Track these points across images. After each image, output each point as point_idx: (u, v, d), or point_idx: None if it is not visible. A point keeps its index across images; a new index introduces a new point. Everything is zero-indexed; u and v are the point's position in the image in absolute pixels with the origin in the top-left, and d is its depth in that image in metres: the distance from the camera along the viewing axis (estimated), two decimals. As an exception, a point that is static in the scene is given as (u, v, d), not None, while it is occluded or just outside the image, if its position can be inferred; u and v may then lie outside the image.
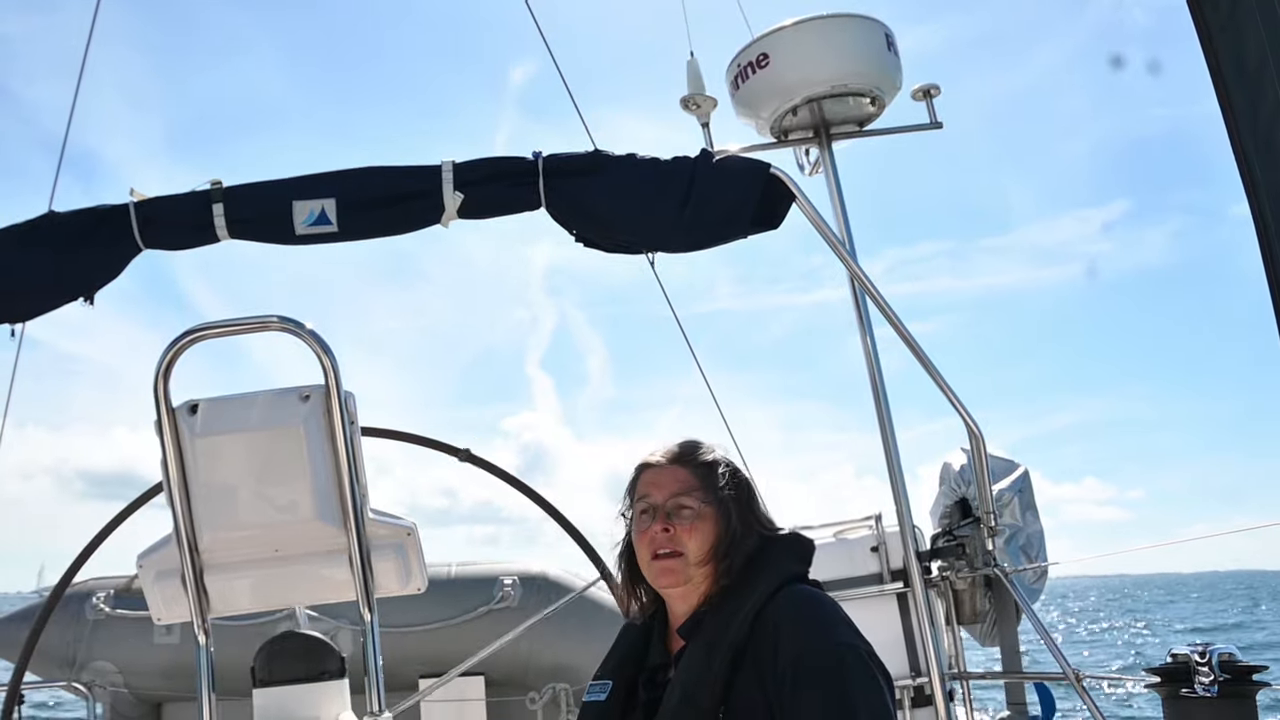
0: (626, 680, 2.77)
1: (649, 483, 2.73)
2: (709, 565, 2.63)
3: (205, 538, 3.19)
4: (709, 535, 2.63)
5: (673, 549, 2.62)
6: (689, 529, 2.62)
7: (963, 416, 5.19)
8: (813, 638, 2.43)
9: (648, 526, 2.66)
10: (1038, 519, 6.32)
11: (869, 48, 5.85)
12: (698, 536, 2.62)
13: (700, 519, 2.64)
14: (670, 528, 2.63)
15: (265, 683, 3.47)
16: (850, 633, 2.49)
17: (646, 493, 2.71)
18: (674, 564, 2.62)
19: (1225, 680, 3.83)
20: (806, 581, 2.70)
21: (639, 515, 2.71)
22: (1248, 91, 2.52)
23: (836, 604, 2.61)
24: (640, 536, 2.69)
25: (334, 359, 3.12)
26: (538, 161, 5.08)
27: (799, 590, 2.60)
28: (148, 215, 5.10)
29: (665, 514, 2.65)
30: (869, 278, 5.26)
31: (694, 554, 2.61)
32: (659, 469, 2.74)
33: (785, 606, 2.51)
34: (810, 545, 2.80)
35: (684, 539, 2.62)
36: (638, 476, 2.79)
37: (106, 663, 7.17)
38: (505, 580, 7.12)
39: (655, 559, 2.64)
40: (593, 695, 2.80)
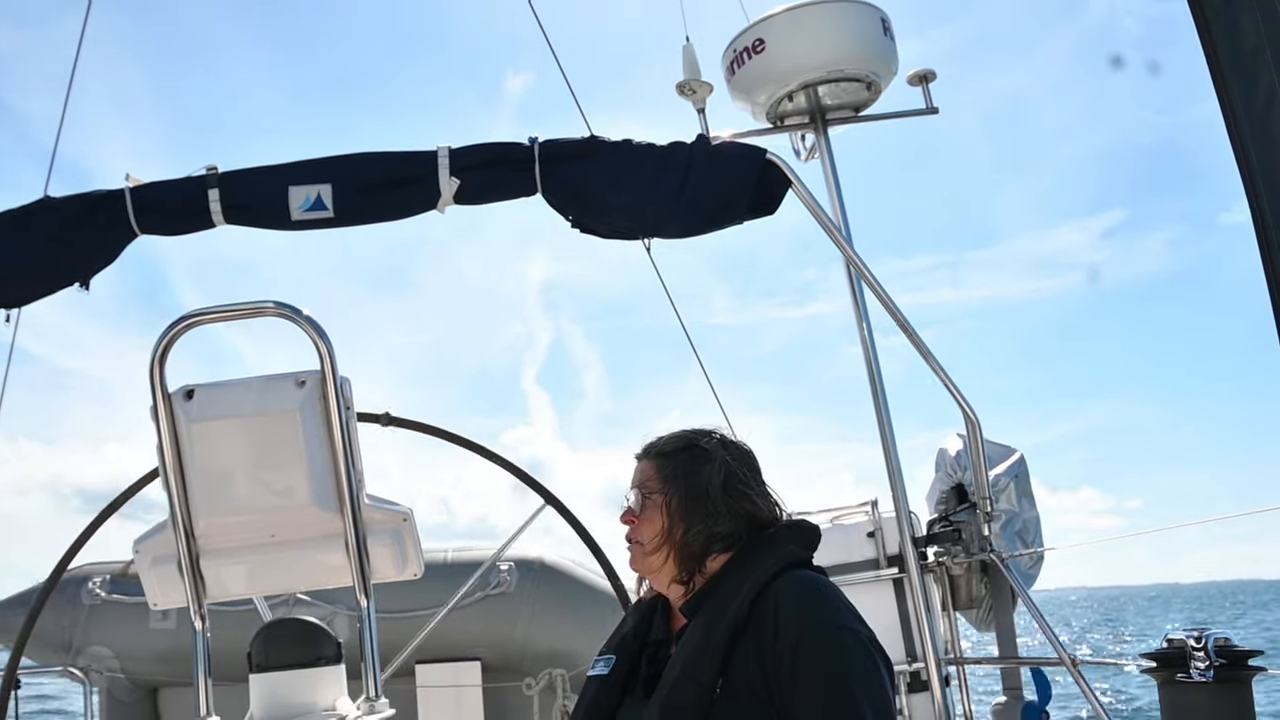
0: (629, 656, 2.83)
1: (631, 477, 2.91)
2: (662, 552, 2.74)
3: (201, 523, 3.19)
4: (656, 523, 2.75)
5: (635, 538, 2.81)
6: (644, 520, 2.78)
7: (959, 402, 5.19)
8: (814, 620, 2.46)
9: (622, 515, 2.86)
10: (1034, 505, 6.32)
11: (865, 32, 5.84)
12: (646, 526, 2.77)
13: (648, 509, 2.78)
14: (633, 519, 2.80)
15: (262, 668, 3.47)
16: (851, 617, 2.52)
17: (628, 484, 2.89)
18: (635, 550, 2.81)
19: (1221, 665, 3.84)
20: (810, 567, 2.73)
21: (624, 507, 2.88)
22: (1244, 78, 2.52)
23: (838, 589, 2.64)
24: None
25: (330, 344, 3.12)
26: (534, 147, 5.08)
27: (801, 574, 2.63)
28: (143, 200, 5.09)
29: (629, 504, 2.83)
30: (864, 263, 5.26)
31: (647, 542, 2.76)
32: (637, 462, 2.92)
33: (786, 589, 2.54)
34: (816, 532, 2.84)
35: (639, 528, 2.79)
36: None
37: (103, 648, 7.17)
38: (502, 566, 7.12)
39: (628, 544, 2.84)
40: (595, 670, 2.86)
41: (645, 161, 5.09)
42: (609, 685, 2.78)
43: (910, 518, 5.61)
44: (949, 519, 5.96)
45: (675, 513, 2.74)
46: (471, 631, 6.95)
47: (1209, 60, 2.58)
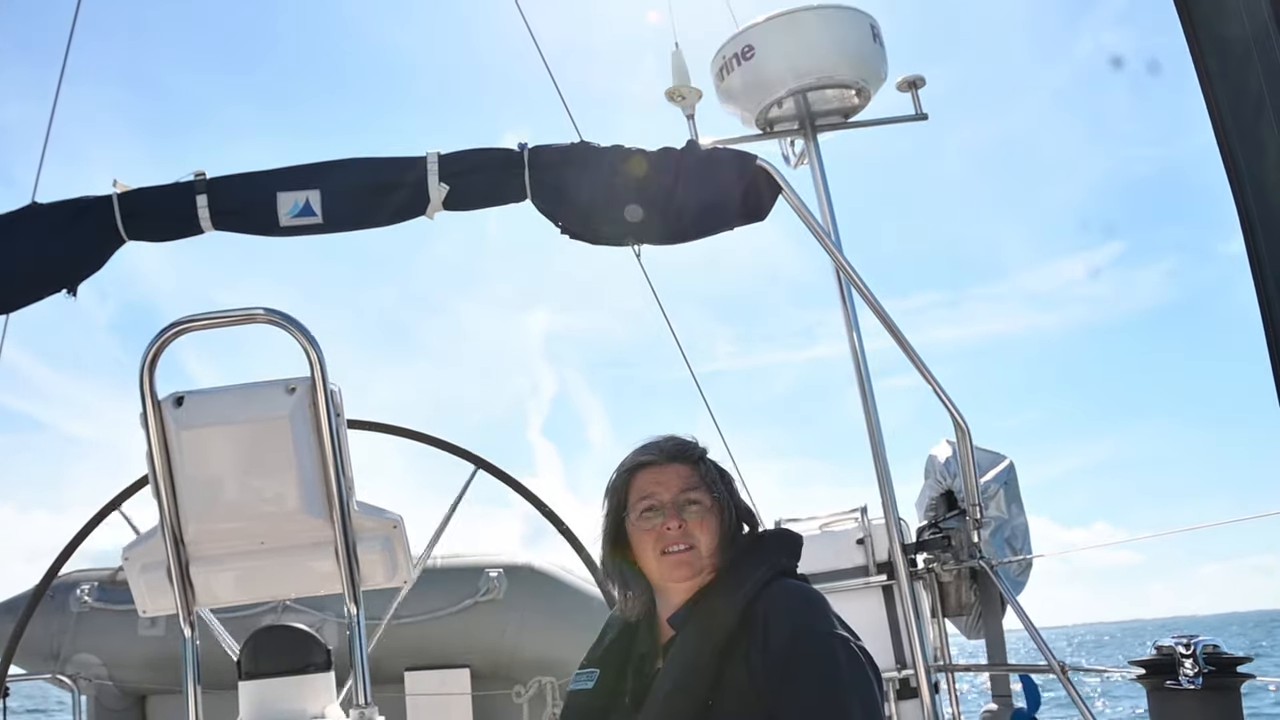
0: (613, 669, 2.80)
1: (652, 481, 2.77)
2: (714, 557, 2.69)
3: (191, 530, 3.18)
4: (716, 528, 2.71)
5: (687, 544, 2.68)
6: (700, 524, 2.69)
7: (948, 408, 5.19)
8: (804, 629, 2.47)
9: (655, 524, 2.71)
10: (1023, 511, 6.32)
11: (854, 39, 5.85)
12: (708, 530, 2.69)
13: (709, 514, 2.71)
14: (683, 524, 2.68)
15: (251, 675, 3.47)
16: (841, 626, 2.52)
17: (651, 491, 2.75)
18: (688, 557, 2.67)
19: (1210, 672, 3.84)
20: (796, 576, 2.74)
21: (642, 514, 2.74)
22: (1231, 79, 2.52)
23: (825, 599, 2.64)
24: (647, 534, 2.72)
25: (320, 352, 3.11)
26: (523, 153, 5.07)
27: (790, 584, 2.64)
28: (131, 206, 5.08)
29: (675, 510, 2.70)
30: (854, 268, 5.26)
31: (706, 547, 2.69)
32: (660, 468, 2.79)
33: (776, 599, 2.54)
34: (799, 540, 2.85)
35: (696, 533, 2.69)
36: (633, 476, 2.83)
37: (91, 655, 7.16)
38: (491, 572, 7.12)
39: (666, 554, 2.69)
40: (579, 684, 2.83)
41: (635, 167, 5.08)
42: (595, 699, 2.76)
43: (900, 524, 5.61)
44: (938, 526, 5.96)
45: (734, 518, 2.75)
46: (460, 639, 6.96)
47: (1196, 65, 2.58)
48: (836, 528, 6.04)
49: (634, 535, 2.77)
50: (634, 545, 2.78)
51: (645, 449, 2.86)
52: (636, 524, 2.76)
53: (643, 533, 2.74)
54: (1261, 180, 2.44)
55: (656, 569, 2.73)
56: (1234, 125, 2.50)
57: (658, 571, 2.73)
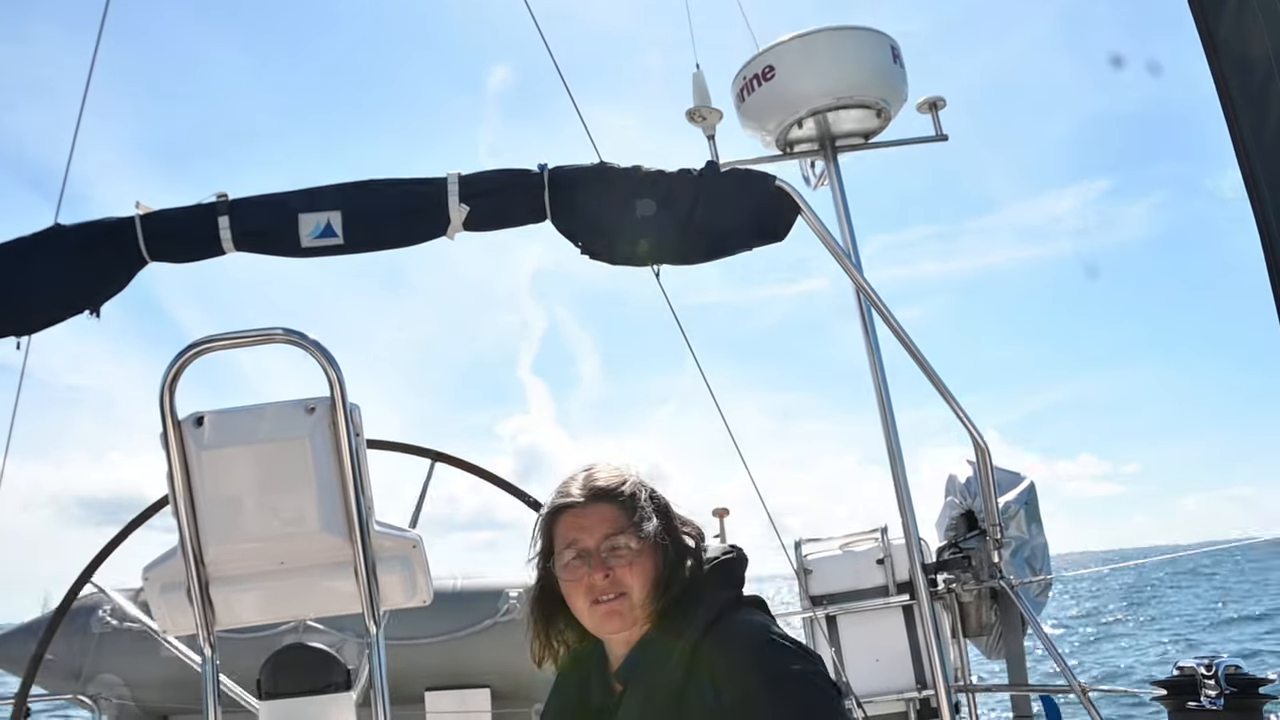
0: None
1: (575, 526, 2.54)
2: (650, 604, 2.48)
3: (211, 550, 3.19)
4: (649, 571, 2.48)
5: (616, 591, 2.47)
6: (629, 568, 2.47)
7: (968, 429, 5.19)
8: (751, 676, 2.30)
9: (583, 575, 2.50)
10: (1042, 531, 6.32)
11: (874, 60, 5.87)
12: (639, 575, 2.47)
13: (639, 556, 2.49)
14: (609, 571, 2.47)
15: (271, 695, 3.48)
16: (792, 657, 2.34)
17: (575, 538, 2.53)
18: (618, 605, 2.47)
19: (1231, 693, 3.83)
20: (742, 602, 2.57)
21: (568, 564, 2.53)
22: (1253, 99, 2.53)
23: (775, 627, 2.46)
24: (575, 585, 2.52)
25: (339, 371, 3.12)
26: (543, 174, 5.08)
27: (732, 624, 2.45)
28: (153, 228, 5.11)
29: (600, 559, 2.49)
30: (875, 291, 5.26)
31: (638, 593, 2.47)
32: (581, 510, 2.55)
33: (724, 640, 2.39)
34: (740, 563, 2.65)
35: (626, 580, 2.47)
36: (555, 520, 2.60)
37: (113, 675, 7.17)
38: (510, 592, 7.11)
39: (597, 604, 2.49)
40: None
41: (654, 188, 5.09)
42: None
43: (920, 545, 5.60)
44: (959, 546, 5.96)
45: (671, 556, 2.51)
46: (481, 658, 6.95)
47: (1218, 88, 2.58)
48: (857, 548, 6.05)
49: (563, 585, 2.56)
50: (565, 594, 2.57)
51: (565, 487, 2.61)
52: (563, 573, 2.54)
53: (571, 584, 2.52)
54: None
55: (589, 620, 2.52)
56: (1256, 147, 2.50)
57: (591, 623, 2.53)
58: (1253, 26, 2.54)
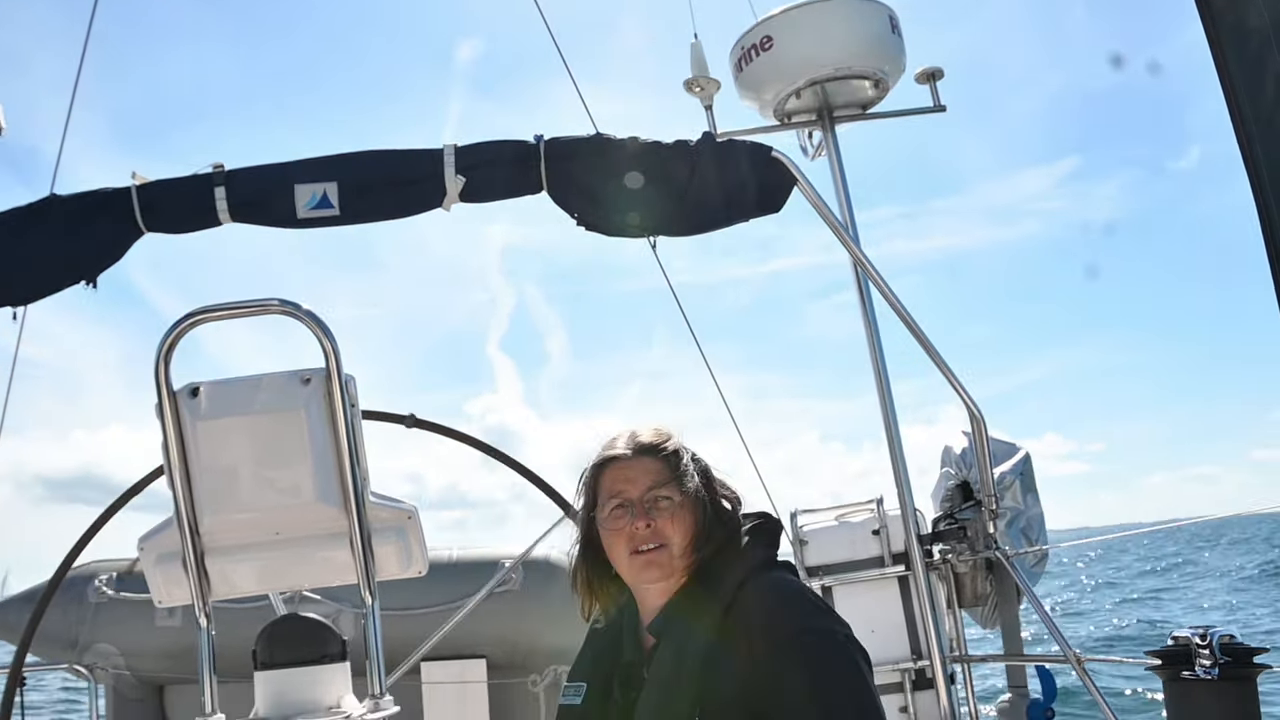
0: (601, 680, 2.74)
1: (620, 478, 2.67)
2: (689, 555, 2.59)
3: (206, 521, 3.19)
4: (689, 525, 2.60)
5: (657, 542, 2.58)
6: (670, 521, 2.59)
7: (963, 399, 5.20)
8: (786, 628, 2.40)
9: (625, 523, 2.61)
10: (1038, 502, 6.33)
11: (872, 30, 5.85)
12: (680, 527, 2.58)
13: (680, 509, 2.60)
14: (652, 522, 2.58)
15: (267, 665, 3.47)
16: (823, 617, 2.47)
17: (619, 489, 2.65)
18: (659, 556, 2.58)
19: (1226, 663, 3.84)
20: (776, 565, 2.68)
21: (611, 513, 2.65)
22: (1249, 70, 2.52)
23: (807, 588, 2.60)
24: (617, 535, 2.63)
25: (334, 342, 3.12)
26: (539, 145, 5.07)
27: (769, 579, 2.57)
28: (149, 198, 5.10)
29: (644, 509, 2.60)
30: (871, 262, 5.26)
31: (678, 545, 2.58)
32: (626, 463, 2.69)
33: (754, 601, 2.48)
34: (777, 526, 2.78)
35: (667, 531, 2.58)
36: (601, 472, 2.73)
37: (109, 645, 7.18)
38: (507, 563, 7.13)
39: (637, 554, 2.59)
40: (568, 698, 2.77)
41: (651, 159, 5.08)
42: (584, 713, 2.71)
43: (915, 515, 5.61)
44: (954, 516, 5.97)
45: (709, 512, 2.63)
46: (477, 629, 6.96)
47: (1215, 56, 2.58)
48: (853, 519, 6.05)
49: (604, 535, 2.68)
50: (605, 546, 2.70)
51: (612, 443, 2.75)
52: (606, 523, 2.67)
53: (612, 533, 2.64)
54: (1279, 170, 2.44)
55: (628, 569, 2.64)
56: (1252, 116, 2.49)
57: (629, 572, 2.65)
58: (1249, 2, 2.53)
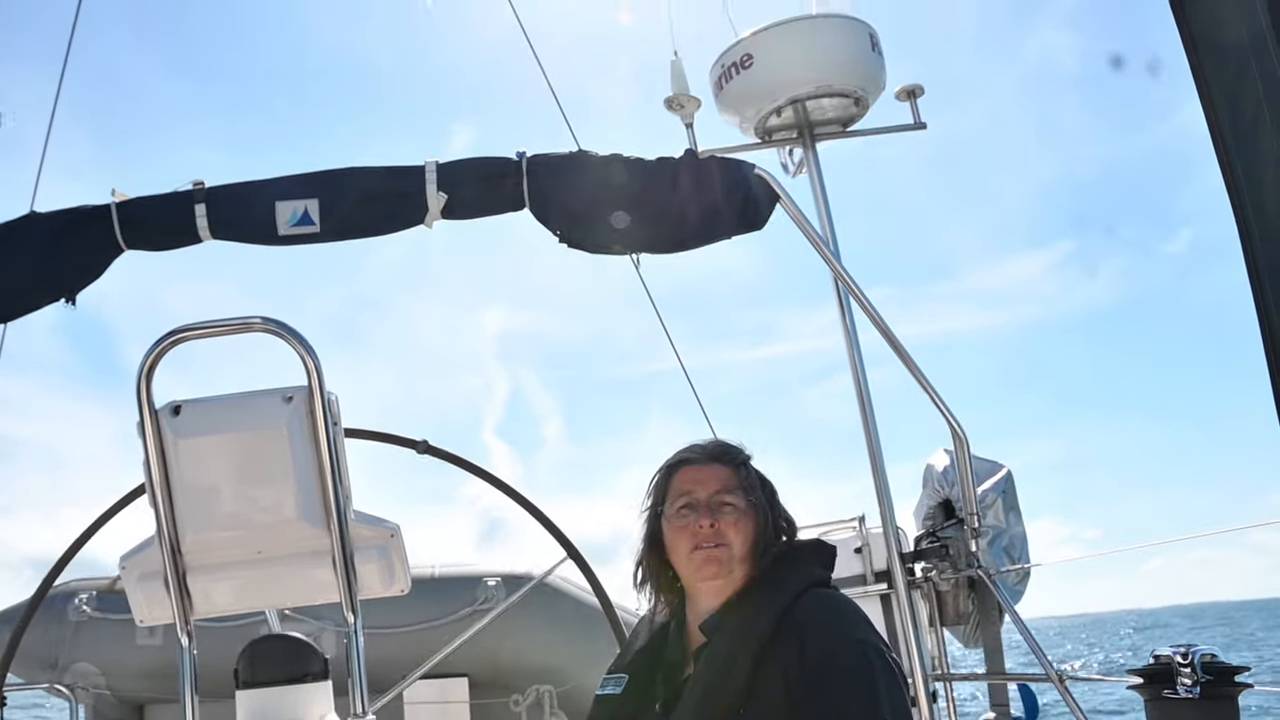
0: (642, 675, 2.81)
1: (690, 479, 2.80)
2: (747, 561, 2.71)
3: (188, 539, 3.18)
4: (750, 532, 2.72)
5: (718, 541, 2.69)
6: (733, 524, 2.71)
7: (946, 417, 5.19)
8: (840, 638, 2.49)
9: (690, 521, 2.73)
10: (1020, 520, 6.33)
11: (853, 48, 5.86)
12: (741, 532, 2.71)
13: (743, 516, 2.72)
14: (716, 522, 2.70)
15: (248, 684, 3.46)
16: (874, 635, 2.54)
17: (689, 489, 2.78)
18: (719, 554, 2.68)
19: (1207, 681, 3.84)
20: (829, 586, 2.76)
21: (678, 510, 2.77)
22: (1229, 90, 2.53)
23: (859, 608, 2.67)
24: (680, 530, 2.75)
25: (317, 360, 3.11)
26: (521, 161, 5.07)
27: (825, 593, 2.67)
28: (129, 215, 5.07)
29: (710, 509, 2.72)
30: (853, 278, 5.26)
31: (738, 548, 2.70)
32: (699, 467, 2.82)
33: (812, 608, 2.57)
34: (833, 551, 2.86)
35: (729, 533, 2.70)
36: (673, 473, 2.86)
37: (89, 664, 7.15)
38: (489, 581, 7.11)
39: (698, 549, 2.70)
40: (606, 688, 2.84)
41: (633, 176, 5.08)
42: (624, 705, 2.77)
43: (898, 533, 5.61)
44: (936, 535, 5.96)
45: (769, 525, 2.75)
46: (459, 647, 6.95)
47: (1194, 75, 2.59)
48: (834, 536, 6.05)
49: (669, 532, 2.79)
50: (668, 542, 2.81)
51: (689, 448, 2.89)
52: (672, 520, 2.78)
53: (677, 529, 2.76)
54: (1259, 189, 2.45)
55: (686, 565, 2.75)
56: (1232, 134, 2.51)
57: (687, 568, 2.75)
58: (1227, 15, 2.55)
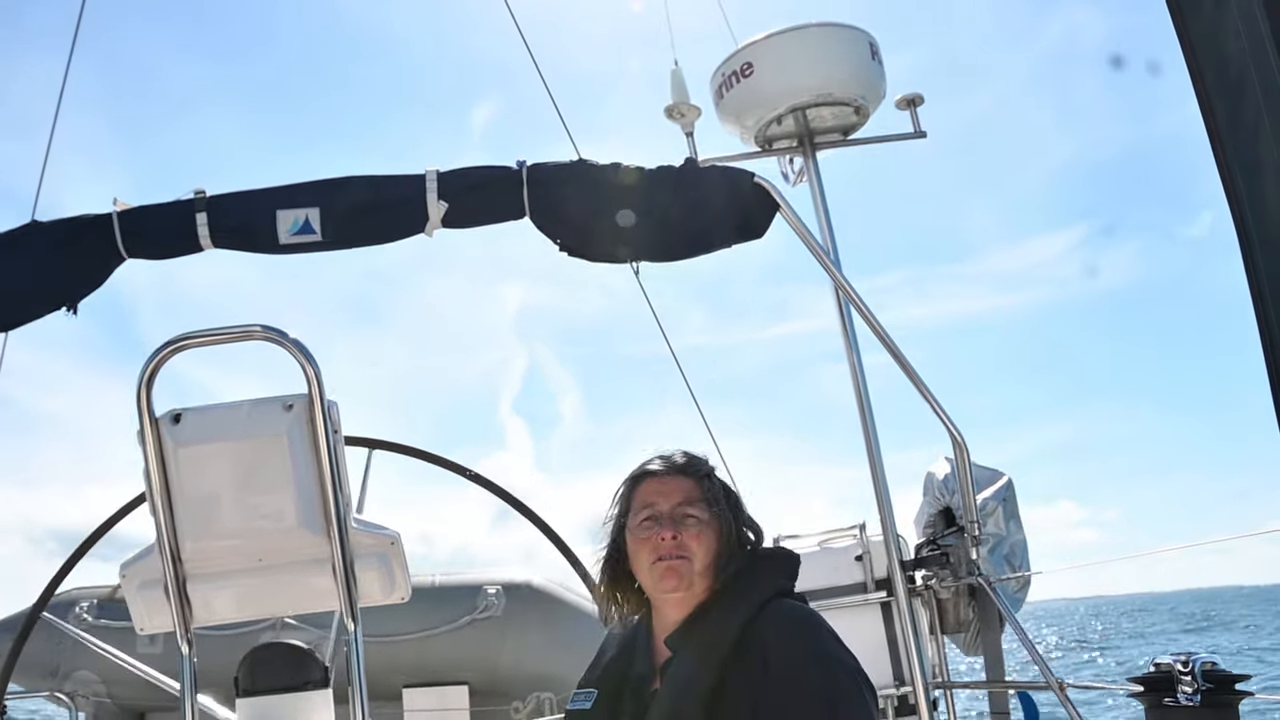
0: (611, 689, 2.77)
1: (654, 491, 2.76)
2: (709, 571, 2.67)
3: (188, 547, 3.18)
4: (713, 545, 2.68)
5: (679, 554, 2.65)
6: (695, 536, 2.67)
7: (946, 425, 5.19)
8: (804, 652, 2.46)
9: (652, 533, 2.69)
10: (1021, 528, 6.32)
11: (853, 57, 5.86)
12: (704, 544, 2.67)
13: (706, 528, 2.68)
14: (679, 534, 2.66)
15: (249, 692, 3.47)
16: (838, 646, 2.51)
17: (652, 501, 2.74)
18: (680, 565, 2.64)
19: (1208, 689, 3.84)
20: (793, 596, 2.73)
21: (641, 522, 2.73)
22: (1229, 97, 2.53)
23: (823, 619, 2.63)
24: (643, 542, 2.71)
25: (317, 368, 3.12)
26: (522, 170, 5.07)
27: (787, 605, 2.63)
28: (131, 224, 5.08)
29: (673, 521, 2.68)
30: (853, 288, 5.26)
31: (700, 561, 2.65)
32: (662, 479, 2.78)
33: (774, 621, 2.53)
34: (796, 560, 2.85)
35: (691, 546, 2.66)
36: (637, 485, 2.82)
37: (90, 673, 7.15)
38: (489, 589, 7.11)
39: (659, 561, 2.66)
40: (577, 704, 2.80)
41: (633, 185, 5.08)
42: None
43: (898, 541, 5.60)
44: (937, 542, 5.96)
45: (732, 537, 2.72)
46: (459, 655, 6.95)
47: (1194, 82, 2.59)
48: (835, 544, 6.03)
49: (632, 544, 2.76)
50: (631, 553, 2.77)
51: (650, 459, 2.85)
52: (635, 531, 2.74)
53: (639, 541, 2.72)
54: (1260, 197, 2.45)
55: (649, 577, 2.71)
56: (1231, 142, 2.51)
57: (649, 579, 2.72)
58: (1228, 22, 2.55)
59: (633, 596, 2.88)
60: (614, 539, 2.86)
